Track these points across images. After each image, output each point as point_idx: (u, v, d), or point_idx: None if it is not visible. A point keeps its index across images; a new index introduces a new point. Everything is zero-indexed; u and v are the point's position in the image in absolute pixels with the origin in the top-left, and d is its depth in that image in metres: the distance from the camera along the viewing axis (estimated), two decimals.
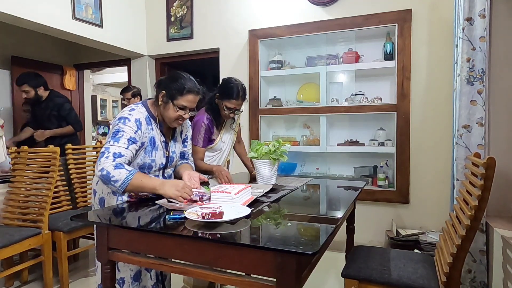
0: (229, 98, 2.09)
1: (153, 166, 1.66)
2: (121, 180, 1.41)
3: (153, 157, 1.64)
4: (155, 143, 1.65)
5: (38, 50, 4.50)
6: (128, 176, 1.42)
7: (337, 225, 1.25)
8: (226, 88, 2.11)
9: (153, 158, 1.64)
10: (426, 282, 1.50)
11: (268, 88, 3.67)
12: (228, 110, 2.12)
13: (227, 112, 2.13)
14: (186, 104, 1.61)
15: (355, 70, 3.19)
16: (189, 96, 1.61)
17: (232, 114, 2.15)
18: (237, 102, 2.11)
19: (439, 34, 2.87)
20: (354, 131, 3.32)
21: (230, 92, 2.09)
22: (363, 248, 1.92)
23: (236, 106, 2.12)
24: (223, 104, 2.12)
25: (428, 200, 2.94)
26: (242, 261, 1.07)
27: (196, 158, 2.10)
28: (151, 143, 1.63)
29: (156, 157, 1.66)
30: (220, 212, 1.21)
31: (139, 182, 1.44)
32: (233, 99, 2.09)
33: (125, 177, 1.41)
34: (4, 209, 2.46)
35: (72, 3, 3.14)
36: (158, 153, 1.67)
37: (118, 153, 1.46)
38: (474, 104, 2.27)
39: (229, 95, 2.09)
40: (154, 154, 1.65)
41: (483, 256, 2.24)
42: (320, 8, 3.27)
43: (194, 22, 3.84)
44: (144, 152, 1.61)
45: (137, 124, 1.55)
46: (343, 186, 2.21)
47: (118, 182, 1.41)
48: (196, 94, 1.64)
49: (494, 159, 1.36)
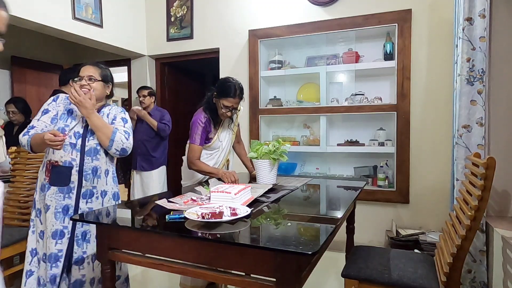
0: (226, 96, 2.09)
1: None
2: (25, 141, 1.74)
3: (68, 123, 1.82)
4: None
5: (38, 50, 4.50)
6: (28, 139, 1.74)
7: (337, 225, 1.25)
8: (223, 87, 2.12)
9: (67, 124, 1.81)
10: (426, 282, 1.50)
11: (268, 88, 3.67)
12: (226, 108, 2.11)
13: (225, 111, 2.13)
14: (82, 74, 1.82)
15: (355, 70, 3.19)
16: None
17: (229, 113, 2.15)
18: (234, 100, 2.11)
19: (439, 34, 2.87)
20: (354, 131, 3.32)
21: (227, 90, 2.09)
22: (363, 248, 1.92)
23: (233, 104, 2.12)
24: (220, 103, 2.12)
25: (428, 200, 2.94)
26: (242, 261, 1.07)
27: (193, 156, 2.10)
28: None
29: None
30: (220, 212, 1.21)
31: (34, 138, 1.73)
32: (230, 97, 2.09)
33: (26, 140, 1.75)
34: (4, 209, 2.46)
35: (72, 3, 3.13)
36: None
37: (31, 125, 1.79)
38: (474, 104, 2.27)
39: (226, 93, 2.09)
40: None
41: (483, 256, 2.24)
42: (320, 8, 3.27)
43: (194, 22, 3.84)
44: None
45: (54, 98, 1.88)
46: (343, 186, 2.21)
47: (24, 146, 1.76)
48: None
49: (494, 159, 1.36)
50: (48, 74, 4.44)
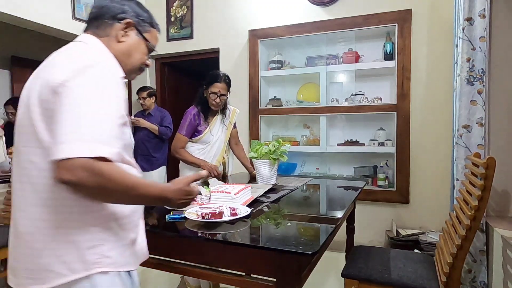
0: (213, 82, 2.22)
1: None
2: None
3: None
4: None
5: (38, 50, 4.49)
6: None
7: (337, 225, 1.25)
8: (210, 76, 2.26)
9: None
10: (426, 282, 1.50)
11: (268, 88, 3.67)
12: (214, 95, 2.21)
13: (213, 98, 2.22)
14: None
15: (355, 70, 3.19)
16: None
17: (217, 99, 2.22)
18: (221, 85, 2.22)
19: (439, 34, 2.87)
20: (354, 131, 3.32)
21: (214, 77, 2.24)
22: (363, 248, 1.92)
23: (220, 90, 2.22)
24: (209, 92, 2.23)
25: (428, 200, 2.94)
26: (242, 261, 1.07)
27: (177, 145, 2.23)
28: None
29: None
30: (220, 212, 1.21)
31: None
32: (217, 82, 2.21)
33: None
34: (4, 209, 2.46)
35: (72, 3, 3.13)
36: None
37: None
38: (474, 104, 2.27)
39: (213, 80, 2.23)
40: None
41: (483, 256, 2.24)
42: (320, 8, 3.27)
43: (194, 22, 3.84)
44: None
45: None
46: (343, 186, 2.21)
47: None
48: None
49: (494, 159, 1.36)
50: None
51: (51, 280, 0.81)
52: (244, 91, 3.55)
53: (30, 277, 0.82)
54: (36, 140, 0.81)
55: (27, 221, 0.83)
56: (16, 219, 0.85)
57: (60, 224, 0.80)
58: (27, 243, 0.82)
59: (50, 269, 0.80)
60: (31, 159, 0.82)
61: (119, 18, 0.94)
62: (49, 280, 0.81)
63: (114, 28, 0.93)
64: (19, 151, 0.86)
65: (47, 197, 0.81)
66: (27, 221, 0.83)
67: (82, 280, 0.81)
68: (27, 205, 0.83)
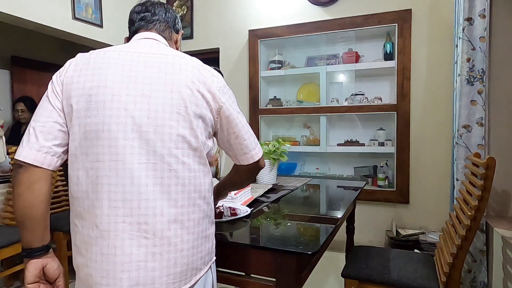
0: None
1: None
2: None
3: None
4: None
5: (38, 50, 4.49)
6: None
7: (336, 225, 1.25)
8: None
9: None
10: (426, 282, 1.50)
11: (268, 88, 3.67)
12: None
13: None
14: None
15: (355, 70, 3.19)
16: None
17: None
18: None
19: (439, 34, 2.87)
20: (354, 131, 3.32)
21: None
22: (363, 248, 1.92)
23: None
24: None
25: (428, 200, 2.94)
26: (242, 261, 1.07)
27: None
28: None
29: None
30: (220, 212, 1.21)
31: None
32: None
33: None
34: (4, 209, 2.46)
35: (72, 3, 3.13)
36: None
37: None
38: (474, 104, 2.27)
39: None
40: None
41: (483, 256, 2.24)
42: (320, 8, 3.27)
43: (194, 22, 3.84)
44: None
45: None
46: (343, 186, 2.21)
47: None
48: None
49: (494, 159, 1.36)
50: (48, 74, 4.42)
51: (192, 277, 0.85)
52: (244, 91, 3.55)
53: (172, 281, 0.82)
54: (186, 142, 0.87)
55: (174, 224, 0.83)
56: (153, 223, 0.81)
57: (200, 221, 0.88)
58: (176, 247, 0.82)
59: (195, 266, 0.85)
60: (183, 160, 0.85)
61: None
62: (190, 278, 0.85)
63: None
64: (162, 155, 0.84)
65: (196, 196, 0.87)
66: (173, 224, 0.83)
67: (208, 270, 0.90)
68: (173, 207, 0.83)
